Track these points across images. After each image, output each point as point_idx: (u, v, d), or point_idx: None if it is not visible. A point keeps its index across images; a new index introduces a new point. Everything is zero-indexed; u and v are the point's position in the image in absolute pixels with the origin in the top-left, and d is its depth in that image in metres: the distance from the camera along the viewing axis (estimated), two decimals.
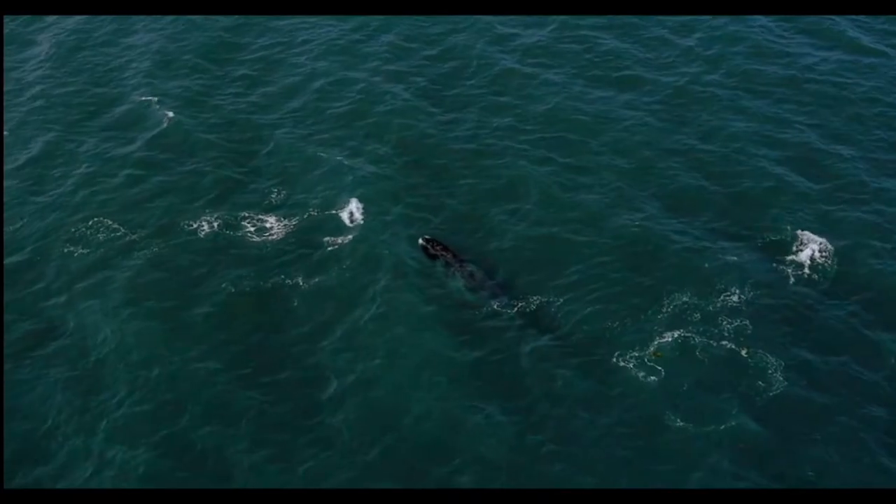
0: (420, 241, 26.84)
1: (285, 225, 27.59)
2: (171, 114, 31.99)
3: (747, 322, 24.17)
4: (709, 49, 35.83)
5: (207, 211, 27.99)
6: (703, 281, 25.51)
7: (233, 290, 25.33)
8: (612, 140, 31.07)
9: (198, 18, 37.44)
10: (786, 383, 22.82)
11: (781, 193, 28.82)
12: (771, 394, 22.59)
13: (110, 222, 27.62)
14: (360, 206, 28.03)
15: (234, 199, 28.54)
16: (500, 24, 37.26)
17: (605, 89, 33.62)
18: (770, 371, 23.08)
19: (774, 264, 26.23)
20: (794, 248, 26.72)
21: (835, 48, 35.69)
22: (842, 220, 27.78)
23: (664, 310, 24.64)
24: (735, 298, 24.85)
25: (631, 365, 23.03)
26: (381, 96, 33.02)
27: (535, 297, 25.26)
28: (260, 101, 33.15)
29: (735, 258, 26.24)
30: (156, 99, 32.93)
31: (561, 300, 25.16)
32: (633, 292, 25.30)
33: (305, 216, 27.89)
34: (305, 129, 31.69)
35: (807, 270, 26.09)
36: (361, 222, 27.51)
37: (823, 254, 26.50)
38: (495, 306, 24.88)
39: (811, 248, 26.66)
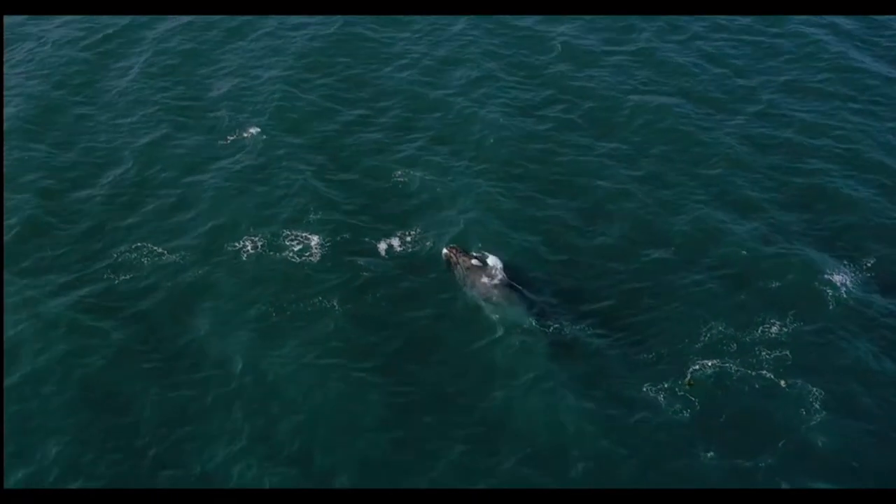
0: (444, 250, 27.35)
1: (371, 246, 28.34)
2: (254, 130, 33.25)
3: (787, 352, 24.44)
4: (790, 68, 36.44)
5: (293, 229, 28.82)
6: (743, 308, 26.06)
7: (338, 308, 26.17)
8: (693, 158, 31.89)
9: (283, 35, 38.98)
10: (825, 413, 23.05)
11: (833, 218, 29.21)
12: (808, 426, 22.86)
13: (206, 238, 28.74)
14: (453, 224, 28.88)
15: (325, 219, 29.28)
16: (582, 42, 38.03)
17: (694, 108, 34.21)
18: (811, 400, 23.35)
19: (818, 292, 26.40)
20: (839, 275, 26.85)
21: None
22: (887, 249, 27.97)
23: (701, 338, 25.02)
24: (775, 329, 25.18)
25: (661, 396, 23.53)
26: (469, 116, 33.83)
27: (566, 318, 25.81)
28: (347, 119, 34.09)
29: (779, 284, 26.62)
30: (239, 115, 34.24)
31: (593, 324, 25.64)
32: (672, 317, 25.91)
33: (397, 238, 28.65)
34: (393, 150, 32.51)
35: (851, 299, 26.20)
36: (452, 242, 28.00)
37: (866, 282, 26.66)
38: (525, 325, 25.43)
39: (854, 276, 26.80)
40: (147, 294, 27.00)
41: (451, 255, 27.17)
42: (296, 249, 28.11)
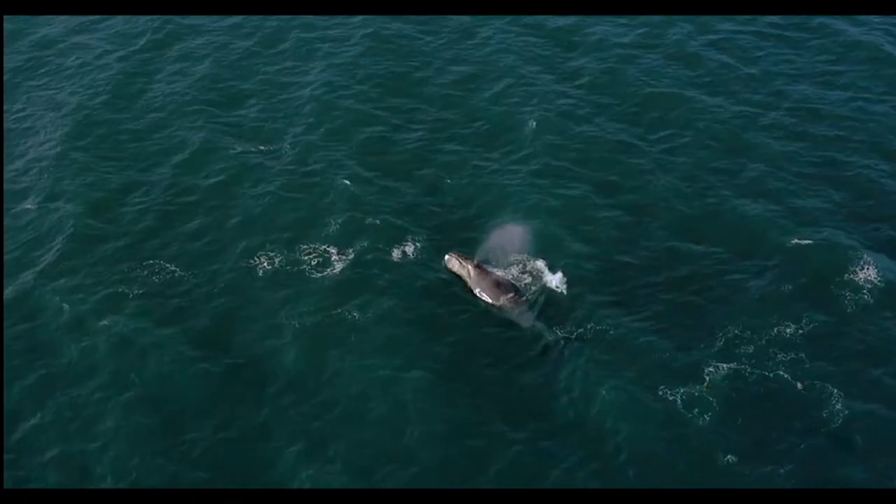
0: (447, 256, 27.82)
1: (410, 253, 28.85)
2: (290, 139, 33.92)
3: (803, 354, 25.00)
4: (821, 64, 37.07)
5: (329, 238, 29.49)
6: (759, 310, 26.59)
7: (382, 315, 26.79)
8: (728, 156, 32.49)
9: (317, 42, 39.56)
10: (847, 412, 23.67)
11: (871, 212, 29.86)
12: (828, 429, 23.51)
13: (245, 248, 29.46)
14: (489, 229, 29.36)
15: (362, 225, 29.78)
16: (615, 43, 38.63)
17: (726, 104, 34.85)
18: (833, 402, 23.94)
19: (835, 293, 26.96)
20: (855, 277, 27.29)
21: None
22: None
23: (717, 341, 25.60)
24: (790, 330, 25.74)
25: (679, 398, 24.11)
26: (505, 119, 34.47)
27: (577, 320, 26.42)
28: (384, 125, 34.54)
29: (791, 286, 27.20)
30: (275, 124, 34.87)
31: (610, 324, 26.17)
32: (688, 320, 26.49)
33: (436, 244, 29.08)
34: (430, 156, 33.02)
35: (869, 299, 26.70)
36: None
37: (884, 281, 26.99)
38: (536, 328, 26.07)
39: (872, 276, 27.16)
40: (193, 305, 27.95)
41: (453, 260, 27.64)
42: (331, 258, 28.89)
